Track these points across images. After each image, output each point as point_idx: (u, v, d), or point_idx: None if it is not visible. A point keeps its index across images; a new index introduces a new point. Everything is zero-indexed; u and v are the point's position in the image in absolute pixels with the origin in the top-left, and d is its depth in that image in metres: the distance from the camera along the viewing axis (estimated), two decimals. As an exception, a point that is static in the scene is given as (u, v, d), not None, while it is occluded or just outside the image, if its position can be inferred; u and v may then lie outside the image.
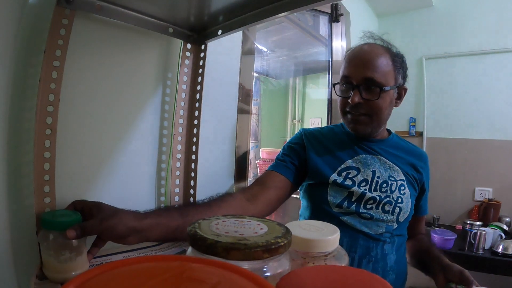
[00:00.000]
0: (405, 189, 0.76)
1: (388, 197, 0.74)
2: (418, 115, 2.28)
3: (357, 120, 0.75)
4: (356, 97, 0.71)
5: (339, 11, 1.73)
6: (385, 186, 0.75)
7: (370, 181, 0.75)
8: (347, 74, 0.74)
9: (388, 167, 0.78)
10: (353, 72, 0.73)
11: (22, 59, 0.54)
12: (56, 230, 0.49)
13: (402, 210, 0.74)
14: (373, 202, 0.73)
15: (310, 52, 2.11)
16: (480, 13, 2.04)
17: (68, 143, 0.61)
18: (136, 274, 0.24)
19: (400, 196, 0.75)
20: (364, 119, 0.75)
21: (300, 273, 0.29)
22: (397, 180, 0.76)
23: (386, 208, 0.73)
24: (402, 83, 0.78)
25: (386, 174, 0.76)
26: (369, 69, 0.71)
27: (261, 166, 1.74)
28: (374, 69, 0.71)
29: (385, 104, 0.74)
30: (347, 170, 0.76)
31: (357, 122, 0.75)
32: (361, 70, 0.71)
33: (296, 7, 0.57)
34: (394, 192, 0.75)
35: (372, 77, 0.71)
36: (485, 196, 2.01)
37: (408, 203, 0.76)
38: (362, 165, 0.77)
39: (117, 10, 0.63)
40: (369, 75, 0.71)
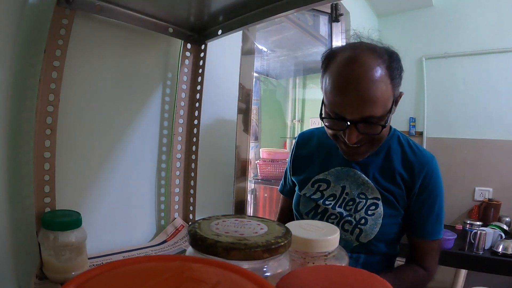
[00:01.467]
0: (376, 209, 0.68)
1: (350, 216, 0.69)
2: (418, 115, 2.28)
3: (355, 152, 0.66)
4: (353, 137, 0.61)
5: (339, 11, 1.73)
6: (351, 204, 0.70)
7: (338, 197, 0.72)
8: (339, 112, 0.60)
9: (361, 183, 0.71)
10: (347, 110, 0.59)
11: (22, 59, 0.54)
12: (56, 230, 0.49)
13: (363, 232, 0.67)
14: (335, 217, 0.71)
15: (310, 52, 2.10)
16: (480, 13, 2.04)
17: (68, 143, 0.61)
18: (136, 274, 0.24)
19: (364, 217, 0.68)
20: (363, 150, 0.66)
21: (300, 273, 0.29)
22: (369, 198, 0.69)
23: (345, 226, 0.69)
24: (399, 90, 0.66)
25: (357, 190, 0.70)
26: (367, 106, 0.58)
27: (261, 166, 1.74)
28: (374, 104, 0.58)
29: (387, 130, 0.66)
30: (319, 182, 0.76)
31: (356, 154, 0.67)
32: (358, 109, 0.58)
33: (296, 7, 0.57)
34: (358, 212, 0.69)
35: (372, 115, 0.58)
36: (485, 196, 2.01)
37: (376, 225, 0.67)
38: (334, 178, 0.74)
39: (117, 10, 0.63)
40: (368, 114, 0.58)
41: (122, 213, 0.72)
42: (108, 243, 0.68)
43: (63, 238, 0.48)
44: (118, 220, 0.71)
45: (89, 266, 0.55)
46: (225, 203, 1.01)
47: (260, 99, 2.27)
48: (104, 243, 0.67)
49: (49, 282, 0.49)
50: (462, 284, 1.73)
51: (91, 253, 0.60)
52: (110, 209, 0.69)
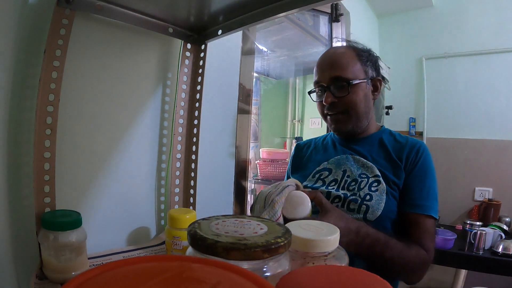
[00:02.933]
0: (379, 185, 0.71)
1: (354, 195, 0.72)
2: (418, 115, 2.28)
3: (336, 119, 0.77)
4: (328, 98, 0.74)
5: (339, 11, 1.73)
6: (353, 184, 0.73)
7: (339, 181, 0.76)
8: (317, 79, 0.77)
9: (361, 164, 0.76)
10: (321, 75, 0.76)
11: (22, 59, 0.54)
12: (56, 230, 0.49)
13: (370, 208, 0.69)
14: (338, 200, 0.72)
15: (310, 52, 2.11)
16: (480, 13, 2.04)
17: (68, 143, 0.61)
18: (136, 274, 0.24)
19: (369, 194, 0.71)
20: (342, 117, 0.76)
21: (300, 273, 0.29)
22: (370, 177, 0.73)
23: (351, 206, 0.71)
24: (374, 75, 0.79)
25: (358, 172, 0.75)
26: (334, 68, 0.74)
27: (261, 166, 1.74)
28: (339, 66, 0.74)
29: (359, 98, 0.75)
30: (320, 172, 0.80)
31: (337, 122, 0.78)
32: (328, 71, 0.75)
33: (296, 7, 0.57)
34: (362, 189, 0.72)
35: (339, 75, 0.73)
36: (485, 196, 2.01)
37: (381, 200, 0.70)
38: (334, 166, 0.79)
39: (117, 10, 0.63)
40: (335, 74, 0.74)
41: (122, 213, 0.72)
42: (108, 243, 0.68)
43: (63, 238, 0.48)
44: (118, 220, 0.71)
45: (89, 266, 0.55)
46: (225, 203, 1.01)
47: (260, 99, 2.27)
48: (104, 243, 0.67)
49: (49, 282, 0.49)
50: (462, 284, 1.73)
51: (91, 253, 0.60)
52: (110, 209, 0.69)
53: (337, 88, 0.74)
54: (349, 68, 0.74)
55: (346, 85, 0.73)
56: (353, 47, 0.79)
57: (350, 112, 0.76)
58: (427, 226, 0.69)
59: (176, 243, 0.63)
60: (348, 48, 0.78)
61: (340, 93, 0.74)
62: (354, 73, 0.74)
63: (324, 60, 0.78)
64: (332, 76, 0.74)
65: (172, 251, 0.64)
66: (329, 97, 0.74)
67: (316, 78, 0.78)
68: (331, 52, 0.79)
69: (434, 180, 0.73)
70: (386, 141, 0.79)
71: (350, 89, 0.73)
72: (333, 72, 0.74)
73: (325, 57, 0.78)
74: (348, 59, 0.75)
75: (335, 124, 0.78)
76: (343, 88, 0.74)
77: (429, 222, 0.70)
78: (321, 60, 0.79)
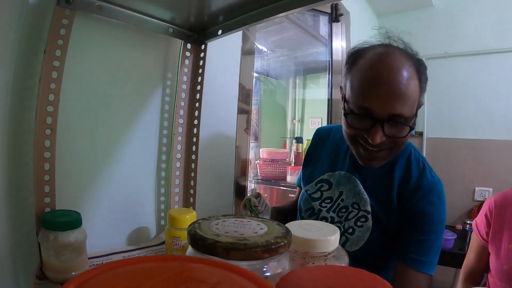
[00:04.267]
0: (366, 223, 0.66)
1: (340, 222, 0.69)
2: (418, 115, 2.27)
3: (373, 157, 0.62)
4: (378, 137, 0.57)
5: (339, 11, 1.73)
6: (343, 211, 0.70)
7: (334, 201, 0.72)
8: (368, 106, 0.57)
9: (357, 193, 0.69)
10: (376, 105, 0.56)
11: (22, 59, 0.54)
12: (56, 230, 0.49)
13: (349, 240, 0.66)
14: (325, 220, 0.71)
15: (310, 52, 2.11)
16: (480, 13, 2.04)
17: (68, 143, 0.61)
18: (136, 274, 0.24)
19: (352, 227, 0.67)
20: (383, 155, 0.61)
21: (300, 273, 0.29)
22: (361, 209, 0.67)
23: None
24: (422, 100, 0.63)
25: (352, 199, 0.69)
26: (398, 102, 0.55)
27: (261, 166, 1.74)
28: (405, 102, 0.56)
29: (408, 136, 0.61)
30: (322, 182, 0.76)
31: (373, 159, 0.62)
32: (388, 104, 0.56)
33: (296, 7, 0.57)
34: (348, 220, 0.68)
35: (402, 113, 0.56)
36: (485, 196, 2.00)
37: (362, 238, 0.66)
38: (335, 182, 0.74)
39: (117, 10, 0.63)
40: (398, 112, 0.56)
41: (122, 213, 0.72)
42: (108, 243, 0.68)
43: (63, 238, 0.49)
44: (118, 220, 0.71)
45: (89, 266, 0.55)
46: (225, 203, 1.01)
47: (260, 99, 2.27)
48: (104, 243, 0.67)
49: (49, 282, 0.49)
50: (462, 284, 1.73)
51: (91, 253, 0.60)
52: (110, 209, 0.69)
53: (394, 127, 0.58)
54: (413, 103, 0.58)
55: (406, 128, 0.58)
56: (415, 63, 0.59)
57: (394, 150, 0.61)
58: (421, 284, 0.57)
59: (176, 243, 0.63)
60: (412, 67, 0.57)
61: (396, 133, 0.58)
62: (414, 108, 0.59)
63: (383, 82, 0.55)
64: (392, 113, 0.56)
65: (172, 251, 0.64)
66: (380, 135, 0.57)
67: (366, 104, 0.57)
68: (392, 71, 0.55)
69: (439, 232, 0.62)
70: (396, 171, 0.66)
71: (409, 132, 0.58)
72: (395, 108, 0.55)
73: (384, 78, 0.55)
74: (413, 87, 0.57)
75: (370, 160, 0.62)
76: (402, 129, 0.58)
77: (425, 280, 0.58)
78: (376, 79, 0.56)
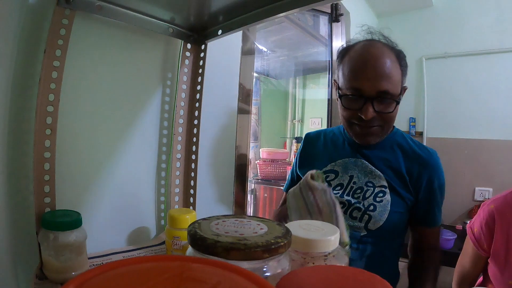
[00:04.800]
0: (384, 197, 0.71)
1: (358, 203, 0.71)
2: (418, 115, 2.28)
3: (368, 133, 0.70)
4: (369, 112, 0.66)
5: (339, 11, 1.73)
6: (359, 192, 0.72)
7: (346, 186, 0.74)
8: (358, 86, 0.67)
9: (369, 171, 0.73)
10: (365, 84, 0.66)
11: (22, 59, 0.54)
12: (56, 230, 0.49)
13: (372, 218, 0.70)
14: (343, 206, 0.72)
15: (310, 52, 2.11)
16: (480, 12, 2.04)
17: (68, 143, 0.61)
18: (136, 274, 0.24)
19: (373, 204, 0.70)
20: (376, 130, 0.70)
21: (300, 273, 0.29)
22: (376, 186, 0.72)
23: (354, 214, 0.71)
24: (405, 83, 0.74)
25: (365, 179, 0.73)
26: (383, 80, 0.65)
27: (261, 166, 1.74)
28: (389, 80, 0.65)
29: (396, 113, 0.71)
30: (327, 173, 0.77)
31: (368, 135, 0.71)
32: (375, 82, 0.65)
33: (296, 7, 0.57)
34: (367, 198, 0.71)
35: (387, 89, 0.65)
36: (485, 196, 2.01)
37: (384, 211, 0.70)
38: (341, 169, 0.76)
39: (117, 10, 0.63)
40: (384, 88, 0.65)
41: (122, 213, 0.72)
42: (108, 243, 0.68)
43: (63, 238, 0.48)
44: (118, 220, 0.71)
45: (89, 266, 0.55)
46: (225, 203, 1.01)
47: (260, 99, 2.27)
48: (104, 243, 0.67)
49: (49, 282, 0.49)
50: (462, 284, 1.73)
51: (91, 253, 0.60)
52: (110, 209, 0.69)
53: (382, 103, 0.67)
54: (397, 82, 0.67)
55: (393, 103, 0.67)
56: (395, 51, 0.70)
57: (385, 127, 0.71)
58: (436, 234, 0.77)
59: (176, 243, 0.63)
60: (392, 52, 0.69)
61: (384, 109, 0.67)
62: (398, 88, 0.68)
63: (370, 65, 0.66)
64: (380, 89, 0.65)
65: (172, 251, 0.64)
66: (369, 111, 0.66)
67: (356, 85, 0.67)
68: (377, 55, 0.66)
69: (443, 194, 0.77)
70: (397, 149, 0.75)
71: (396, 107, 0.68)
72: (381, 85, 0.65)
73: (371, 60, 0.66)
74: (395, 69, 0.67)
75: (366, 136, 0.71)
76: (389, 105, 0.67)
77: (437, 230, 0.77)
78: (364, 61, 0.67)
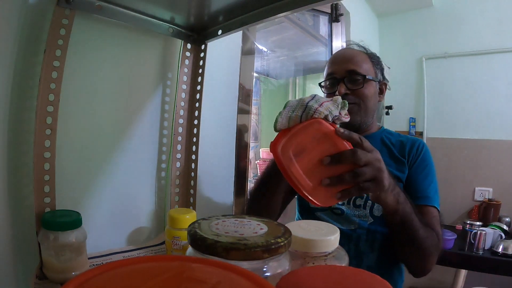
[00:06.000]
0: None
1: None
2: (418, 115, 2.28)
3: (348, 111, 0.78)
4: (342, 89, 0.76)
5: (339, 11, 1.73)
6: None
7: None
8: (331, 71, 0.80)
9: None
10: (335, 68, 0.79)
11: (22, 59, 0.54)
12: (56, 230, 0.49)
13: (375, 204, 0.73)
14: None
15: (310, 52, 2.11)
16: (480, 13, 2.04)
17: (68, 143, 0.61)
18: (136, 274, 0.24)
19: None
20: (353, 108, 0.77)
21: (300, 273, 0.29)
22: None
23: (357, 202, 0.75)
24: (381, 78, 0.83)
25: None
26: (350, 62, 0.78)
27: (261, 166, 1.74)
28: (355, 62, 0.78)
29: (370, 93, 0.78)
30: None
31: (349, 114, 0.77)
32: (343, 64, 0.78)
33: (296, 7, 0.57)
34: None
35: (354, 69, 0.77)
36: (485, 196, 2.00)
37: None
38: None
39: (117, 10, 0.63)
40: (351, 68, 0.77)
41: (122, 213, 0.72)
42: (108, 243, 0.68)
43: (63, 238, 0.48)
44: (118, 220, 0.71)
45: (89, 266, 0.55)
46: (225, 203, 1.01)
47: (260, 99, 2.27)
48: (104, 243, 0.67)
49: (49, 282, 0.49)
50: (462, 284, 1.73)
51: (91, 253, 0.60)
52: (110, 209, 0.69)
53: (351, 81, 0.77)
54: (363, 65, 0.78)
55: (360, 79, 0.77)
56: (366, 50, 0.84)
57: (361, 104, 0.78)
58: (434, 214, 0.73)
59: (176, 243, 0.63)
60: (362, 51, 0.84)
61: (354, 85, 0.77)
62: (367, 71, 0.79)
63: (339, 55, 0.83)
64: (347, 69, 0.77)
65: (172, 251, 0.63)
66: (342, 88, 0.76)
67: (330, 71, 0.80)
68: (345, 50, 0.86)
69: (435, 175, 0.78)
70: (386, 140, 0.82)
71: (364, 83, 0.77)
72: (348, 66, 0.77)
73: (340, 53, 0.84)
74: (362, 57, 0.80)
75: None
76: (358, 82, 0.77)
77: (435, 211, 0.73)
78: (335, 55, 0.85)
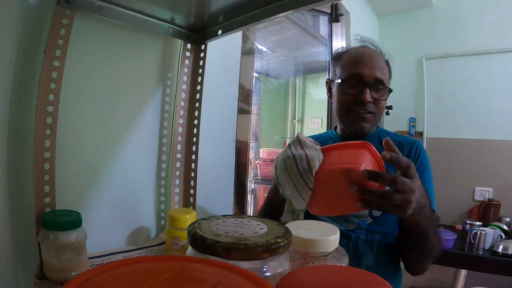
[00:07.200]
0: None
1: None
2: (418, 115, 2.28)
3: (364, 118, 0.77)
4: (368, 96, 0.74)
5: (339, 11, 1.73)
6: None
7: None
8: (359, 72, 0.75)
9: None
10: (366, 71, 0.75)
11: (22, 59, 0.54)
12: (56, 230, 0.49)
13: None
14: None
15: (310, 52, 2.11)
16: (480, 13, 2.04)
17: (68, 143, 0.61)
18: (136, 274, 0.24)
19: None
20: (370, 117, 0.77)
21: (300, 273, 0.29)
22: None
23: None
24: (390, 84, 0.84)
25: None
26: (379, 70, 0.75)
27: (261, 166, 1.74)
28: (383, 71, 0.76)
29: (385, 104, 0.79)
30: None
31: (364, 120, 0.77)
32: (372, 70, 0.75)
33: (296, 7, 0.57)
34: None
35: (382, 78, 0.75)
36: (485, 196, 2.00)
37: None
38: None
39: (117, 10, 0.63)
40: (380, 76, 0.75)
41: (122, 213, 0.72)
42: (108, 243, 0.68)
43: (63, 238, 0.48)
44: (118, 220, 0.71)
45: (89, 266, 0.55)
46: (225, 203, 1.01)
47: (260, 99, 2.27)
48: (104, 243, 0.67)
49: (49, 282, 0.49)
50: (462, 284, 1.73)
51: (91, 253, 0.60)
52: (110, 209, 0.69)
53: (377, 90, 0.76)
54: (386, 75, 0.78)
55: (385, 91, 0.76)
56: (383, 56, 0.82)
57: (377, 115, 0.78)
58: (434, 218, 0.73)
59: (176, 243, 0.63)
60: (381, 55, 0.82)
61: (379, 96, 0.76)
62: (388, 82, 0.79)
63: (369, 56, 0.77)
64: (376, 77, 0.75)
65: (172, 251, 0.64)
66: (368, 95, 0.74)
67: (357, 71, 0.76)
68: (373, 52, 0.79)
69: (432, 177, 0.79)
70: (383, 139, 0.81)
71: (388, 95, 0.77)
72: (377, 74, 0.75)
73: (368, 54, 0.78)
74: (385, 65, 0.79)
75: (361, 121, 0.77)
76: (382, 93, 0.76)
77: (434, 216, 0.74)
78: (361, 55, 0.78)
